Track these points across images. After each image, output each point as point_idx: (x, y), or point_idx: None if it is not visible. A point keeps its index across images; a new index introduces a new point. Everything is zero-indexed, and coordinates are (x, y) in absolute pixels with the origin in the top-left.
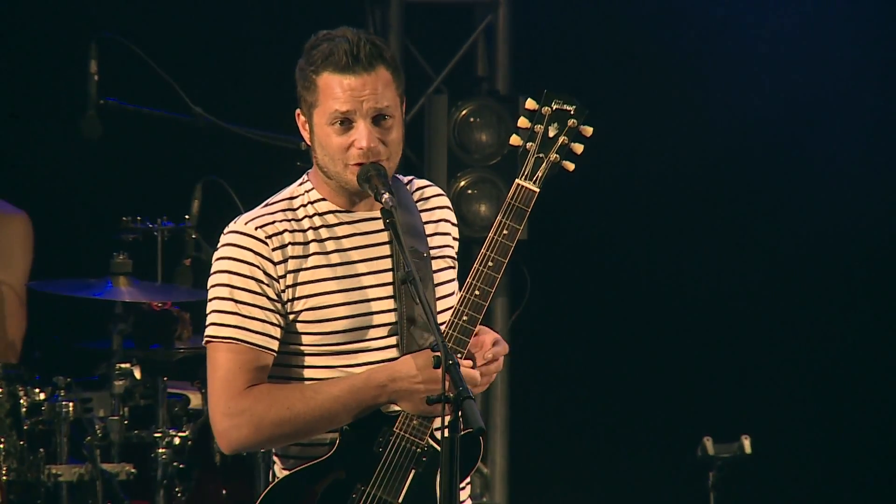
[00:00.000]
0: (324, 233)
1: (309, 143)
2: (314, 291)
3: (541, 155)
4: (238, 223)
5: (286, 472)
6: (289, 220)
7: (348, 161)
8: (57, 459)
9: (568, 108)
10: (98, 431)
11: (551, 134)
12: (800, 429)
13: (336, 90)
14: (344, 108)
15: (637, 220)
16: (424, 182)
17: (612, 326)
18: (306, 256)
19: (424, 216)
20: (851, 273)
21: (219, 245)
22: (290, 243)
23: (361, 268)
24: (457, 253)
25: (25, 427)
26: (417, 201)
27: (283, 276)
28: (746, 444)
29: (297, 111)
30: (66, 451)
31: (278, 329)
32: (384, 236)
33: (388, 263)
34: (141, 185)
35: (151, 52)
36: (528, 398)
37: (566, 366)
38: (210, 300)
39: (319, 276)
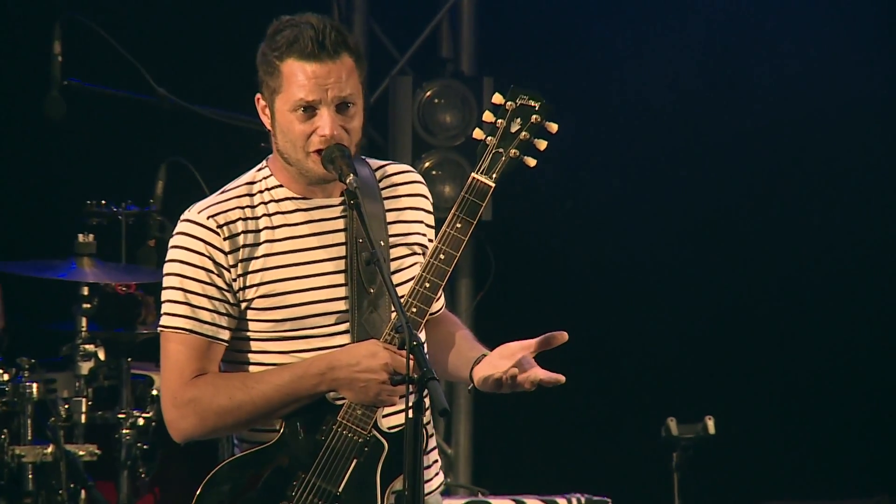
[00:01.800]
0: (278, 220)
1: (269, 127)
2: (266, 279)
3: (500, 150)
4: (191, 212)
5: (242, 443)
6: (242, 208)
7: (309, 148)
8: (20, 440)
9: (533, 103)
10: (62, 412)
11: (513, 129)
12: (762, 410)
13: (300, 77)
14: (309, 96)
15: (602, 200)
16: (399, 168)
17: (576, 308)
18: (258, 244)
19: (389, 203)
20: (813, 259)
21: (173, 233)
22: (242, 232)
23: (315, 255)
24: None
25: None
26: (385, 188)
27: (235, 266)
28: (710, 425)
29: (258, 95)
30: (29, 431)
31: (229, 318)
32: (340, 223)
33: (342, 251)
34: (105, 166)
35: (115, 33)
36: None
37: None
38: (163, 289)
39: (272, 263)
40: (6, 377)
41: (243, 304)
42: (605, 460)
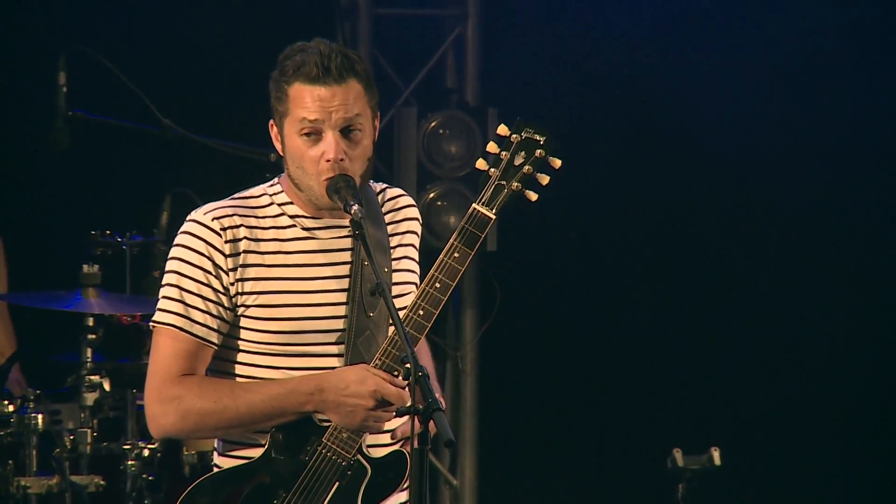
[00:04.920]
0: (286, 234)
1: (281, 153)
2: (266, 289)
3: (502, 182)
4: (197, 212)
5: (223, 457)
6: (247, 217)
7: (319, 174)
8: (26, 471)
9: (538, 138)
10: (67, 443)
11: (517, 162)
12: (768, 441)
13: (306, 100)
14: (312, 116)
15: (607, 231)
16: (397, 192)
17: (581, 339)
18: (262, 253)
19: (391, 228)
20: (818, 286)
21: (179, 231)
22: (245, 238)
23: (320, 272)
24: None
25: None
26: (387, 212)
27: (234, 269)
28: (716, 456)
29: (271, 122)
30: (35, 463)
31: (221, 322)
32: (346, 244)
33: (346, 270)
34: (110, 197)
35: (120, 64)
36: (497, 410)
37: (536, 378)
38: (161, 285)
39: (274, 274)
40: (11, 408)
41: (239, 311)
42: (610, 491)
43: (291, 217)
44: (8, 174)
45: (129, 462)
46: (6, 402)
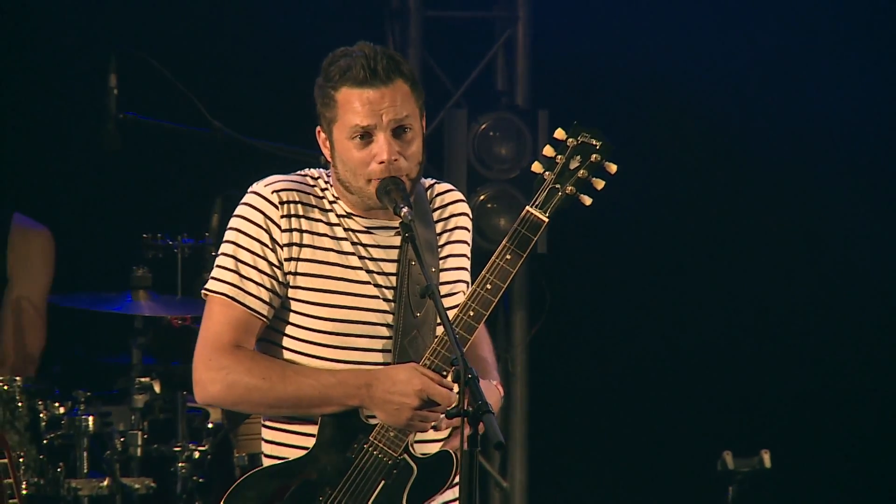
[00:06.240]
0: (345, 223)
1: (329, 159)
2: (322, 272)
3: (557, 186)
4: (259, 184)
5: (270, 445)
6: (308, 195)
7: (370, 176)
8: (77, 473)
9: (595, 142)
10: (118, 445)
11: (572, 166)
12: (819, 443)
13: (355, 104)
14: (364, 122)
15: (658, 232)
16: (445, 186)
17: (631, 341)
18: (317, 234)
19: (440, 226)
20: (866, 288)
21: (240, 202)
22: (302, 216)
23: (369, 266)
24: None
25: (45, 441)
26: (437, 209)
27: (289, 245)
28: (766, 458)
29: (318, 128)
30: (85, 465)
31: (273, 296)
32: (395, 242)
33: (393, 269)
34: (161, 199)
35: (170, 66)
36: (547, 412)
37: (586, 380)
38: (218, 254)
39: (330, 259)
40: (62, 410)
41: (291, 291)
42: (660, 494)
43: (345, 211)
44: (59, 177)
45: (180, 464)
46: (57, 404)
